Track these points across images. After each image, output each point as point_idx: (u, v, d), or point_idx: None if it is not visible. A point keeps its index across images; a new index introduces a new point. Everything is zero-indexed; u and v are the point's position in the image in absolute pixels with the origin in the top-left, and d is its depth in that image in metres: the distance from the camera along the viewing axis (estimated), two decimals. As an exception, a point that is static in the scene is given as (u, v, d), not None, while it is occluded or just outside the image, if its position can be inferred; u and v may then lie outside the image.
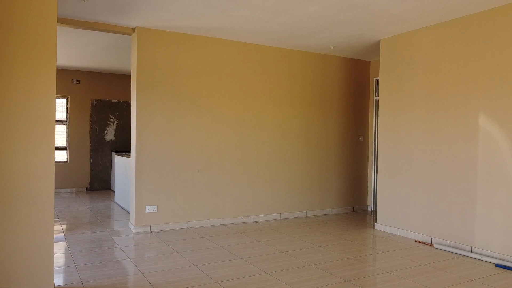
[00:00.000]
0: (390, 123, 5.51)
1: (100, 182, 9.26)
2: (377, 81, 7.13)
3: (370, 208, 7.16)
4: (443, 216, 4.78)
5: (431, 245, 4.82)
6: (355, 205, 7.08)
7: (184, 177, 5.57)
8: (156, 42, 5.37)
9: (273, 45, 6.13)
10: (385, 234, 5.39)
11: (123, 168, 7.05)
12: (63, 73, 8.85)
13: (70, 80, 8.92)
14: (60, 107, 9.33)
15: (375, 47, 6.17)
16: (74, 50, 6.81)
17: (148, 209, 5.33)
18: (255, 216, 6.10)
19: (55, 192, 8.60)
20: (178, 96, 5.52)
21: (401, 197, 5.32)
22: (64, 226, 5.56)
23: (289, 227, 5.72)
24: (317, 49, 6.34)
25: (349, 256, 4.35)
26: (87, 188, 9.11)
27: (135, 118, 5.30)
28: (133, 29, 5.32)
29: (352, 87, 7.00)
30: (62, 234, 5.11)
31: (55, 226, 5.48)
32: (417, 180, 5.10)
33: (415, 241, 5.02)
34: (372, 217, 6.59)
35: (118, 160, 7.47)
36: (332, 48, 6.23)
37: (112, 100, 9.37)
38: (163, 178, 5.42)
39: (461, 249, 4.50)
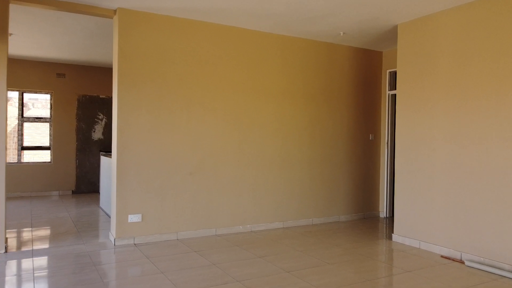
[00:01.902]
0: (409, 121, 4.81)
1: (87, 185, 8.55)
2: (391, 73, 6.42)
3: (383, 214, 6.46)
4: (474, 227, 4.08)
5: (461, 262, 4.12)
6: (365, 211, 6.38)
7: (174, 181, 4.87)
8: (141, 26, 4.66)
9: (275, 31, 5.42)
10: (404, 247, 4.68)
11: (108, 170, 6.35)
12: (46, 66, 8.14)
13: (54, 74, 8.22)
14: (44, 104, 8.63)
15: (390, 35, 5.46)
16: (52, 38, 6.11)
17: (132, 218, 4.63)
18: (254, 225, 5.40)
19: (37, 195, 7.92)
20: (166, 90, 4.82)
21: (422, 204, 4.62)
22: (35, 237, 4.86)
23: (293, 237, 5.02)
24: (324, 36, 5.64)
25: (367, 277, 3.64)
26: (72, 191, 8.41)
27: (116, 115, 4.60)
28: (114, 11, 4.62)
29: (362, 81, 6.30)
30: (30, 248, 4.41)
31: (24, 237, 4.78)
32: (442, 185, 4.40)
33: (441, 256, 4.32)
34: (385, 225, 5.89)
35: (104, 161, 6.77)
36: (341, 35, 5.52)
37: (100, 96, 8.66)
38: (149, 182, 4.72)
39: (499, 268, 3.80)
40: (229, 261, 4.04)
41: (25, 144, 8.28)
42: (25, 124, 8.33)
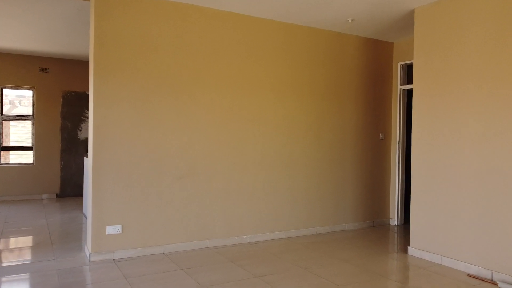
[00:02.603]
0: (428, 119, 4.20)
1: (73, 188, 7.94)
2: (403, 66, 5.82)
3: (393, 222, 5.85)
4: (509, 243, 3.47)
5: (493, 283, 3.52)
6: (375, 218, 5.77)
7: (160, 186, 4.26)
8: (121, 9, 4.06)
9: (276, 18, 4.82)
10: (423, 263, 4.08)
11: (91, 172, 5.74)
12: (27, 60, 7.53)
13: (36, 68, 7.61)
14: (25, 100, 8.02)
15: (403, 22, 4.85)
16: (29, 27, 5.50)
17: (110, 229, 4.03)
18: (252, 236, 4.80)
19: (18, 200, 7.30)
20: (151, 81, 4.22)
21: (445, 214, 4.01)
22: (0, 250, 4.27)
23: (296, 250, 4.42)
24: (331, 24, 5.03)
25: (385, 304, 3.04)
26: (57, 194, 7.80)
27: (92, 110, 4.00)
28: (90, -8, 4.03)
29: (372, 74, 5.69)
30: (-8, 265, 3.81)
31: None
32: (469, 193, 3.80)
33: (468, 275, 3.71)
34: (397, 234, 5.28)
35: (86, 162, 6.16)
36: (350, 22, 4.91)
37: (87, 92, 8.04)
38: (131, 188, 4.12)
39: (542, 293, 3.20)
40: (220, 282, 3.44)
41: (12, 144, 7.69)
42: (12, 123, 7.74)
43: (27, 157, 7.74)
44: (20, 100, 8.56)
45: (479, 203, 3.71)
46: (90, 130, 4.04)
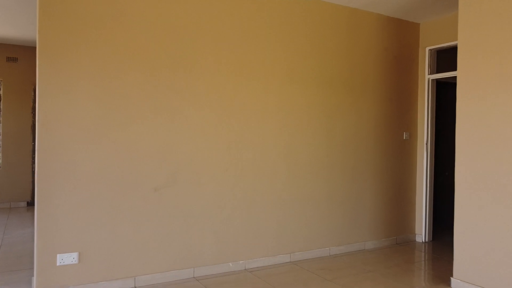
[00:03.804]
0: (480, 114, 3.23)
1: (47, 194, 6.96)
2: (431, 52, 4.85)
3: (420, 238, 4.89)
4: None
5: None
6: (398, 234, 4.81)
7: (130, 201, 3.29)
8: (78, -32, 3.08)
9: (279, -13, 3.85)
10: (474, 302, 3.12)
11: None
12: (-7, 47, 6.56)
13: (3, 58, 6.63)
14: None
15: (441, -8, 3.89)
16: (-20, 3, 4.52)
17: (63, 259, 3.06)
18: (249, 261, 3.83)
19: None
20: (118, 65, 3.24)
21: (502, 237, 3.05)
22: None
23: (305, 282, 3.45)
24: (347, -3, 4.07)
25: None
26: (28, 202, 6.83)
27: (37, 101, 3.02)
28: None
29: (394, 61, 4.72)
30: None
31: None
32: (540, 212, 2.83)
33: (544, 325, 2.75)
34: (426, 253, 4.32)
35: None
36: (372, -7, 3.95)
37: (63, 85, 7.07)
38: (92, 204, 3.15)
39: None
40: None
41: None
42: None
43: (-7, 159, 6.77)
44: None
45: (557, 227, 2.74)
46: (37, 128, 3.06)
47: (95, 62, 3.15)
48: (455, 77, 5.12)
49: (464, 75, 3.35)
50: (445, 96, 5.78)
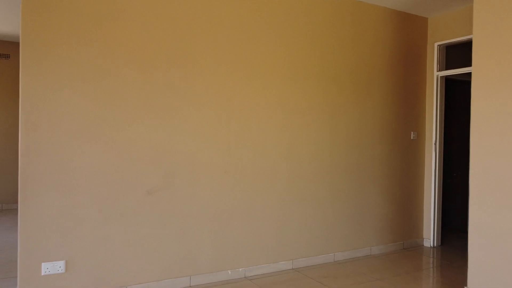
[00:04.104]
0: (495, 113, 3.01)
1: (40, 195, 6.73)
2: (440, 47, 4.63)
3: (428, 242, 4.67)
4: None
5: None
6: (406, 239, 4.59)
7: (123, 205, 3.07)
8: (65, -46, 2.86)
9: (281, -22, 3.63)
10: (491, 314, 2.90)
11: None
12: (-17, 43, 6.33)
13: (-5, 54, 6.41)
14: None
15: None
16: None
17: (48, 268, 2.83)
18: (250, 268, 3.61)
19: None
20: (110, 59, 3.02)
21: (523, 246, 2.83)
22: None
23: (311, 292, 3.23)
24: (353, -12, 3.85)
25: None
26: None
27: (20, 97, 2.80)
28: None
29: (401, 57, 4.50)
30: None
31: None
32: None
33: None
34: (435, 259, 4.10)
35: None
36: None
37: (57, 83, 6.84)
38: (79, 208, 2.93)
39: None
40: None
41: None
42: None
43: (-16, 159, 6.53)
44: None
45: None
46: (21, 127, 2.83)
47: (84, 57, 2.92)
48: (464, 74, 4.90)
49: (480, 71, 3.13)
50: (453, 94, 5.56)
